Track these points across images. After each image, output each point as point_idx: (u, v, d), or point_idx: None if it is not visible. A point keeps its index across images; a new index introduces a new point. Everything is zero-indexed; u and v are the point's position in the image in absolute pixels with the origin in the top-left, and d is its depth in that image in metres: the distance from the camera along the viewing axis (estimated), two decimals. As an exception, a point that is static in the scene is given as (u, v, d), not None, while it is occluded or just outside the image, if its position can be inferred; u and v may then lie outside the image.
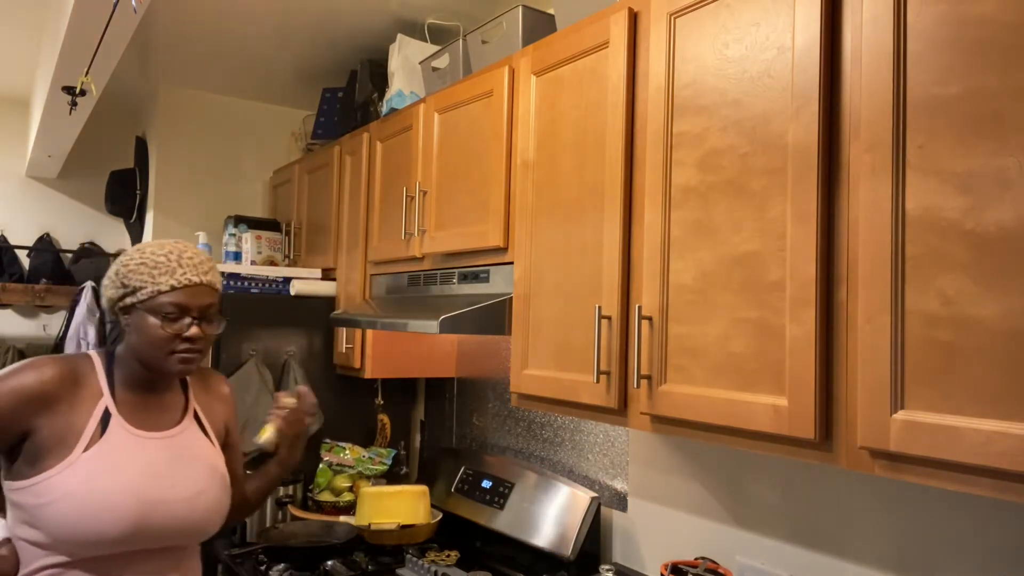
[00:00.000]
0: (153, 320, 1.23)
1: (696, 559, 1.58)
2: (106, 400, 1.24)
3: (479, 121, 1.90)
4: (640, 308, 1.35)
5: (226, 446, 1.46)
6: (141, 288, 1.24)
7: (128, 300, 1.25)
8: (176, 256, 1.26)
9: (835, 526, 1.42)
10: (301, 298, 2.63)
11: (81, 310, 3.69)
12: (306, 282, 2.66)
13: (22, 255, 3.92)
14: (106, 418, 1.23)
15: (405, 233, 2.14)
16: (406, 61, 2.50)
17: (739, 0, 1.22)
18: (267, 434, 1.50)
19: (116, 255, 4.01)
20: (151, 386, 1.31)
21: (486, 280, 1.87)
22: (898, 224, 0.97)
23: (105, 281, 1.30)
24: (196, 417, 1.37)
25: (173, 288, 1.24)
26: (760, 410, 1.13)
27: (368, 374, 2.48)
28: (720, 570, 1.52)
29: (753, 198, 1.18)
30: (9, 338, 3.82)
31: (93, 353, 1.31)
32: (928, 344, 0.93)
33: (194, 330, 1.25)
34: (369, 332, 2.47)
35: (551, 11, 1.90)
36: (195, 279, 1.26)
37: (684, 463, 1.74)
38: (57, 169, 3.88)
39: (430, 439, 2.76)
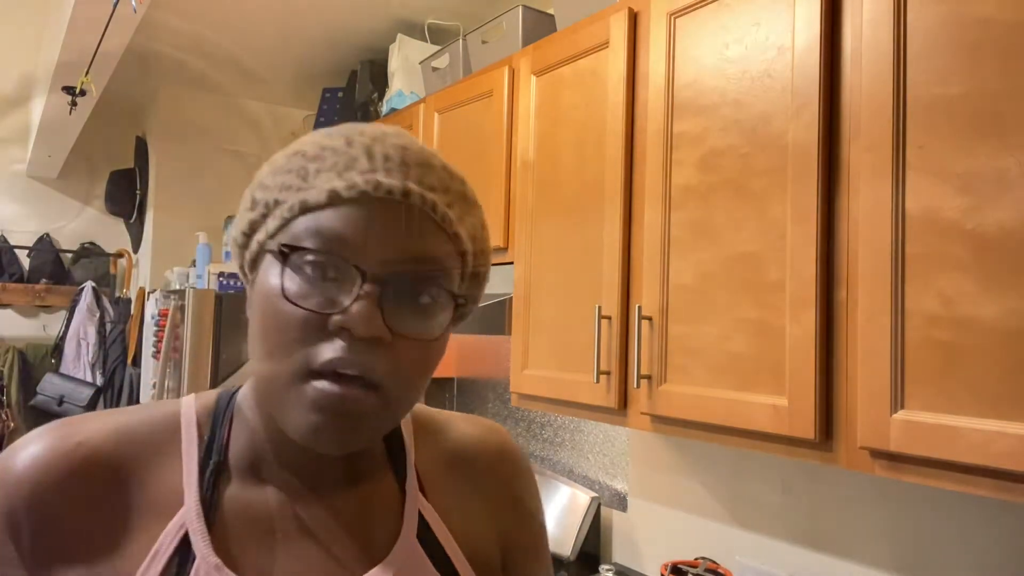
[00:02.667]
0: (273, 277, 0.51)
1: (696, 559, 1.58)
2: (188, 514, 0.54)
3: (479, 121, 1.90)
4: (640, 308, 1.35)
5: None
6: (280, 202, 0.53)
7: (255, 240, 0.55)
8: (372, 136, 0.55)
9: (835, 526, 1.42)
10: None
11: (81, 310, 3.69)
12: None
13: (22, 255, 3.91)
14: (185, 558, 0.52)
15: (405, 233, 2.14)
16: (406, 61, 2.50)
17: (739, 0, 1.22)
18: None
19: (116, 255, 4.01)
20: (299, 473, 0.58)
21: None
22: (898, 224, 0.97)
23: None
24: (424, 536, 0.59)
25: (333, 196, 0.51)
26: (760, 410, 1.13)
27: (368, 374, 2.47)
28: (720, 570, 1.52)
29: (753, 198, 1.18)
30: (9, 338, 3.82)
31: (189, 402, 0.60)
32: (928, 344, 0.93)
33: (357, 312, 0.49)
34: (369, 332, 2.47)
35: (551, 11, 1.90)
36: (397, 183, 0.52)
37: (684, 463, 1.74)
38: (57, 169, 3.87)
39: (430, 439, 2.76)
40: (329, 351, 0.49)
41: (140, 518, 0.53)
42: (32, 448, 0.53)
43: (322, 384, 0.49)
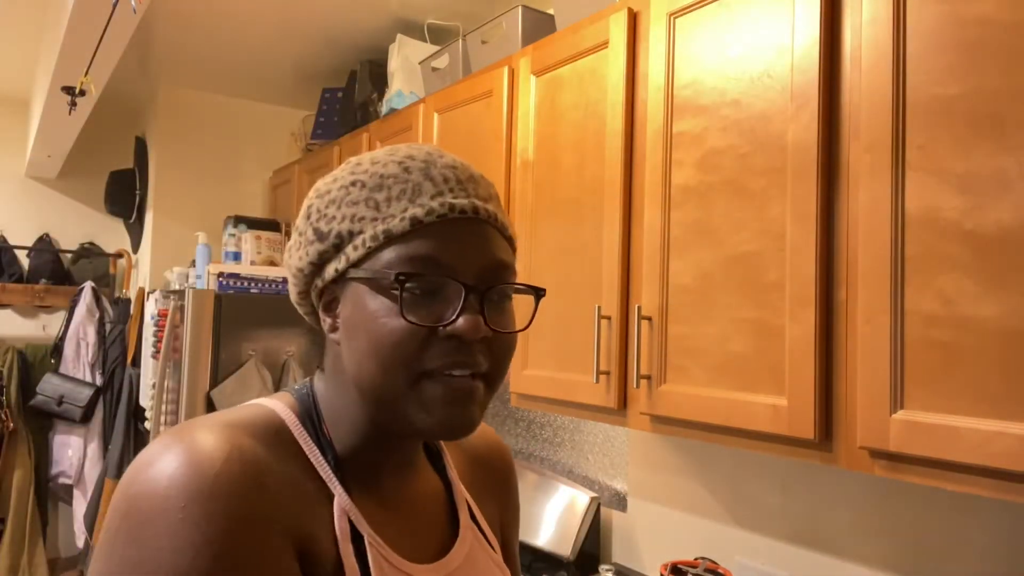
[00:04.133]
0: (378, 301, 0.58)
1: (696, 559, 1.58)
2: (343, 501, 0.60)
3: (479, 121, 1.90)
4: (640, 308, 1.35)
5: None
6: (356, 232, 0.59)
7: (330, 267, 0.60)
8: (423, 160, 0.61)
9: (835, 526, 1.42)
10: (301, 298, 2.62)
11: (81, 310, 3.69)
12: (306, 282, 2.65)
13: (22, 255, 3.91)
14: (357, 540, 0.59)
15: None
16: (406, 61, 2.50)
17: (739, 0, 1.22)
18: None
19: (116, 255, 4.01)
20: (386, 464, 0.66)
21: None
22: (898, 224, 0.97)
23: (292, 241, 0.65)
24: (473, 518, 0.72)
25: (416, 223, 0.58)
26: (760, 410, 1.13)
27: (368, 374, 2.47)
28: (720, 570, 1.52)
29: (753, 198, 1.18)
30: (9, 338, 3.82)
31: (278, 406, 0.63)
32: (928, 344, 0.93)
33: (467, 321, 0.57)
34: (369, 332, 2.47)
35: (551, 11, 1.90)
36: (466, 203, 0.59)
37: (684, 463, 1.74)
38: (57, 169, 3.87)
39: (430, 439, 2.76)
40: (443, 354, 0.57)
41: (303, 506, 0.57)
42: (207, 455, 0.51)
43: (438, 382, 0.57)
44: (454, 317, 0.57)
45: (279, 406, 0.62)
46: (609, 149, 1.47)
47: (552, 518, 1.90)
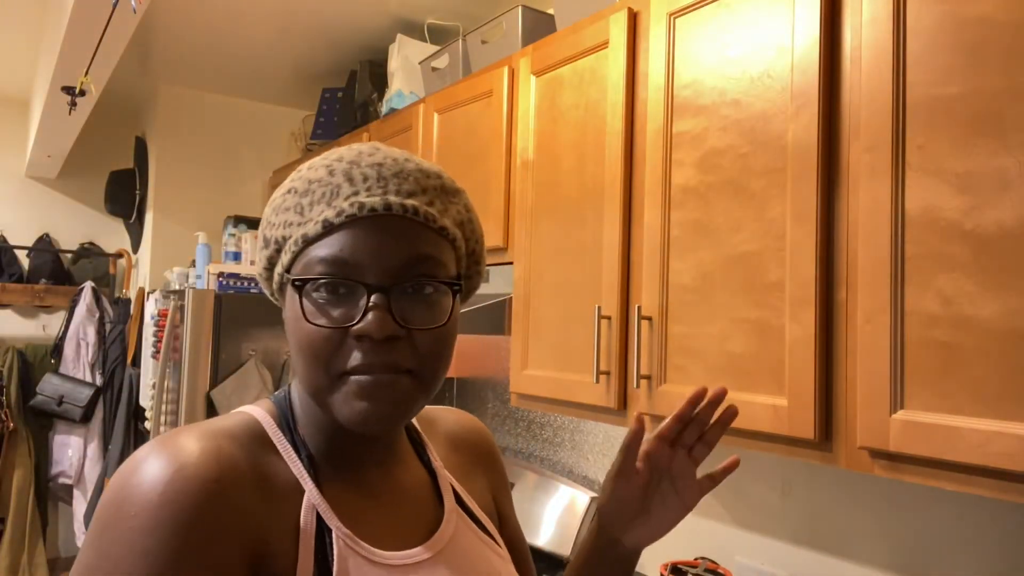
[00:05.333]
0: (295, 304, 0.60)
1: (696, 559, 1.58)
2: (313, 496, 0.62)
3: (479, 121, 1.90)
4: (640, 308, 1.35)
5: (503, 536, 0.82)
6: (285, 238, 0.62)
7: (275, 273, 0.64)
8: (349, 161, 0.62)
9: (835, 526, 1.42)
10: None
11: (81, 310, 3.69)
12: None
13: (22, 255, 3.92)
14: (322, 535, 0.60)
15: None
16: (406, 61, 2.50)
17: (739, 0, 1.22)
18: None
19: (116, 255, 4.01)
20: (365, 457, 0.68)
21: (486, 280, 1.87)
22: (898, 224, 0.97)
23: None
24: (458, 501, 0.74)
25: (328, 226, 0.59)
26: (760, 410, 1.13)
27: (368, 374, 2.47)
28: (720, 570, 1.52)
29: (753, 198, 1.18)
30: (9, 338, 3.82)
31: (257, 411, 0.66)
32: (927, 344, 0.93)
33: (371, 321, 0.58)
34: (369, 332, 2.47)
35: (551, 11, 1.90)
36: (377, 200, 0.59)
37: (684, 463, 1.74)
38: (57, 169, 3.88)
39: (430, 439, 2.76)
40: (357, 355, 0.58)
41: (276, 503, 0.60)
42: (184, 459, 0.54)
43: (357, 379, 0.58)
44: (359, 318, 0.58)
45: (258, 411, 0.66)
46: (609, 149, 1.47)
47: (552, 518, 1.90)
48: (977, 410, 0.88)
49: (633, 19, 1.45)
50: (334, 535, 0.60)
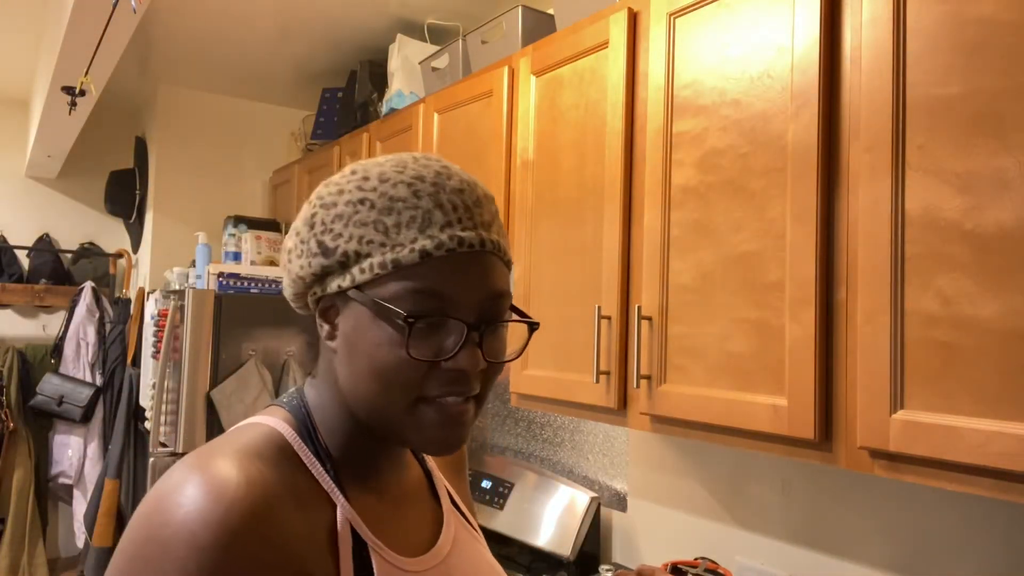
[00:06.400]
0: (382, 330, 0.59)
1: (696, 559, 1.58)
2: (345, 509, 0.62)
3: (479, 121, 1.90)
4: (640, 308, 1.35)
5: None
6: (364, 254, 0.60)
7: (332, 282, 0.62)
8: (433, 183, 0.61)
9: (835, 526, 1.42)
10: (301, 298, 2.62)
11: (81, 310, 3.69)
12: (306, 282, 2.64)
13: (22, 255, 3.91)
14: (359, 549, 0.61)
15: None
16: (406, 61, 2.50)
17: (739, 0, 1.22)
18: None
19: (116, 255, 4.01)
20: (382, 460, 0.69)
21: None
22: (898, 224, 0.97)
23: (288, 242, 0.66)
24: (455, 506, 0.77)
25: (425, 256, 0.59)
26: (760, 410, 1.13)
27: (368, 374, 2.47)
28: (720, 570, 1.52)
29: (753, 198, 1.18)
30: (9, 338, 3.82)
31: (277, 423, 0.65)
32: (927, 344, 0.93)
33: (467, 357, 0.59)
34: (369, 332, 2.47)
35: (551, 11, 1.90)
36: (473, 236, 0.61)
37: (684, 463, 1.74)
38: (57, 169, 3.88)
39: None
40: (442, 384, 0.60)
41: (311, 518, 0.60)
42: (225, 490, 0.53)
43: (435, 405, 0.60)
44: (455, 352, 0.59)
45: (277, 423, 0.64)
46: (609, 149, 1.47)
47: (552, 518, 1.90)
48: (977, 410, 0.88)
49: (633, 19, 1.45)
50: (370, 548, 0.61)
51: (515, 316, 0.67)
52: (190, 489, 0.53)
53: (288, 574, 0.55)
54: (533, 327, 0.67)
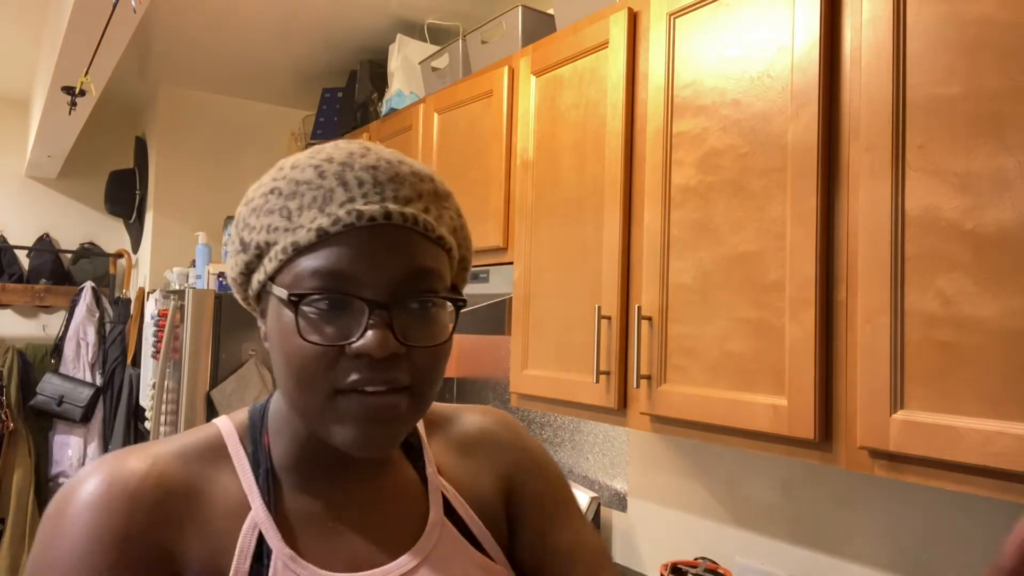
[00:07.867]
0: (288, 318, 0.56)
1: (696, 559, 1.58)
2: (257, 515, 0.59)
3: (479, 121, 1.90)
4: (640, 308, 1.35)
5: (531, 531, 0.74)
6: (272, 243, 0.57)
7: (256, 280, 0.59)
8: (341, 162, 0.57)
9: (835, 526, 1.42)
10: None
11: (81, 310, 3.69)
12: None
13: (22, 255, 3.91)
14: (260, 556, 0.58)
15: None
16: (406, 61, 2.50)
17: (739, 0, 1.22)
18: None
19: (116, 255, 4.01)
20: (340, 465, 0.64)
21: (485, 280, 1.87)
22: (898, 224, 0.97)
23: (229, 245, 0.63)
24: (449, 511, 0.68)
25: (322, 235, 0.55)
26: (760, 410, 1.13)
27: (368, 374, 2.47)
28: (720, 570, 1.52)
29: (753, 198, 1.18)
30: (9, 338, 3.82)
31: (224, 423, 0.65)
32: (927, 344, 0.93)
33: (372, 339, 0.54)
34: (369, 332, 2.47)
35: (551, 11, 1.90)
36: (376, 208, 0.55)
37: (684, 463, 1.74)
38: (57, 169, 3.87)
39: (430, 439, 2.76)
40: (353, 372, 0.54)
41: (217, 522, 0.58)
42: (111, 476, 0.56)
43: (353, 398, 0.55)
44: (359, 335, 0.54)
45: (226, 423, 0.64)
46: (609, 149, 1.47)
47: (552, 518, 1.90)
48: (977, 410, 0.88)
49: (633, 19, 1.45)
50: (273, 556, 0.58)
51: (441, 293, 0.58)
52: (93, 479, 0.56)
53: (170, 567, 0.55)
54: (459, 305, 0.59)
